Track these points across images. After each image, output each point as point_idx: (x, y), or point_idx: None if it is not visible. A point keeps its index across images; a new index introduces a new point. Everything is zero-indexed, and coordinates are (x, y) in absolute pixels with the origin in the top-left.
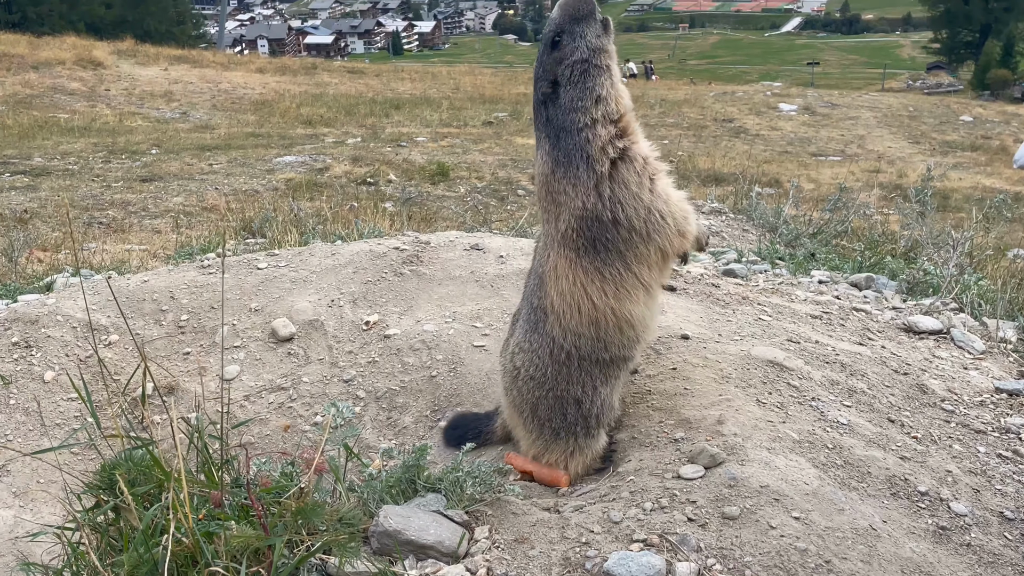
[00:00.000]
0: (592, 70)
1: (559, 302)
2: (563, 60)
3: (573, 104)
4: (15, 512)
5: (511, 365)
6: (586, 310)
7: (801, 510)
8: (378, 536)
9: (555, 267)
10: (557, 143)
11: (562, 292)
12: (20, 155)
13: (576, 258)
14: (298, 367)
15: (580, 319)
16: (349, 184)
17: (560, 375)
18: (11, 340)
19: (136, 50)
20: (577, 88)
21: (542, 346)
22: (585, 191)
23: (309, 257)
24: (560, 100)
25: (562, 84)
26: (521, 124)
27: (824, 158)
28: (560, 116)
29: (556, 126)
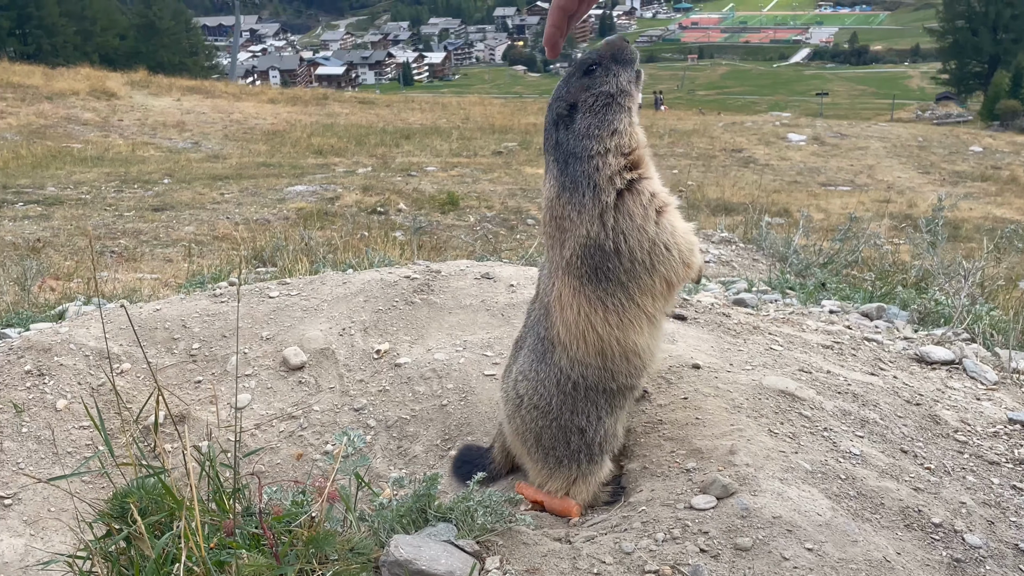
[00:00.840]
0: (615, 106)
1: (565, 333)
2: (590, 88)
3: (588, 131)
4: (26, 540)
5: (514, 393)
6: (592, 340)
7: (814, 541)
8: (389, 566)
9: (560, 296)
10: (565, 168)
11: (567, 322)
12: (33, 184)
13: (580, 287)
14: (309, 395)
15: (587, 349)
16: (359, 213)
17: (565, 405)
18: (24, 368)
19: (149, 81)
20: (596, 117)
21: (548, 376)
22: (590, 219)
23: (320, 286)
24: (575, 125)
25: (581, 110)
26: (530, 154)
27: (833, 188)
28: (571, 141)
29: (566, 151)
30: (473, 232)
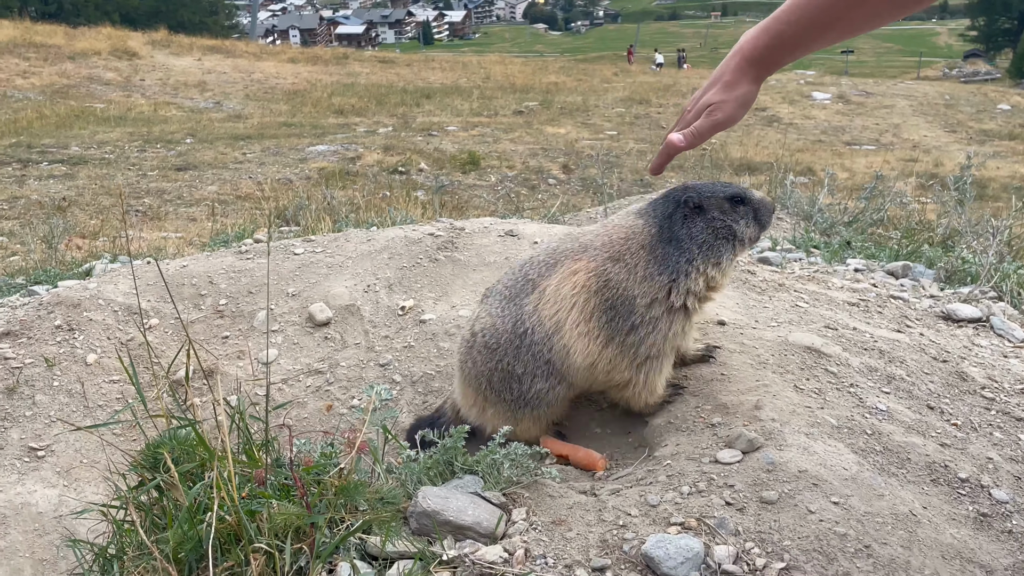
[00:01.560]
0: (730, 244)
1: (552, 301)
2: (725, 214)
3: (699, 242)
4: (59, 491)
5: (468, 333)
6: (566, 324)
7: (840, 495)
8: (416, 516)
9: (573, 273)
10: (664, 241)
11: (561, 297)
12: (57, 144)
13: (594, 292)
14: (335, 351)
15: (560, 326)
16: (381, 173)
17: (511, 346)
18: (54, 323)
19: (170, 40)
20: (712, 238)
21: (509, 315)
22: (648, 288)
23: (345, 243)
24: (691, 225)
25: (704, 221)
26: (552, 113)
27: (858, 147)
28: (682, 233)
29: (673, 232)
30: (495, 192)
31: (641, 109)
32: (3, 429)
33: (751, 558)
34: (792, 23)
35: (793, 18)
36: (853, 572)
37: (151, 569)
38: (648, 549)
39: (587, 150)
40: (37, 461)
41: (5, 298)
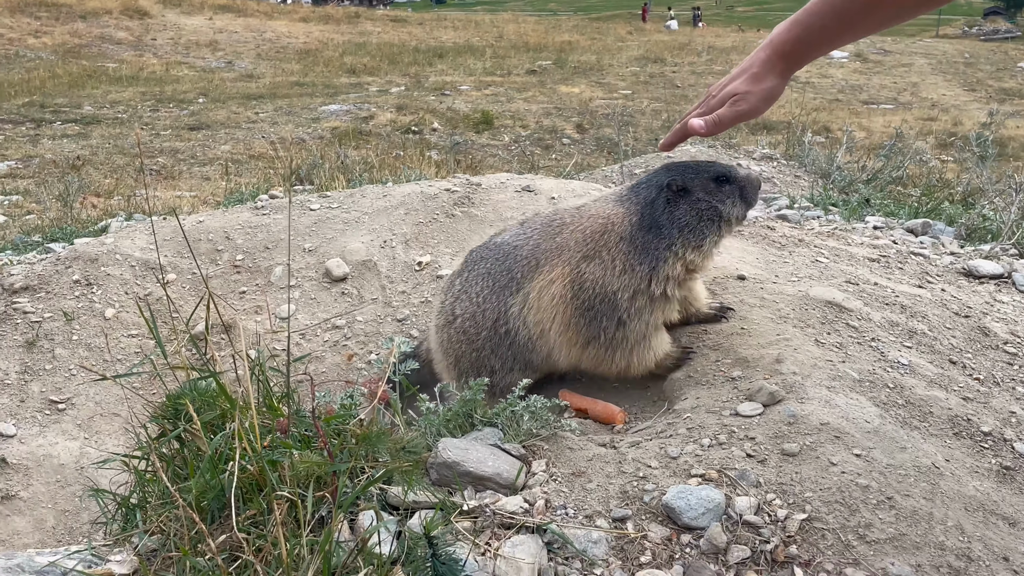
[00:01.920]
0: (715, 225)
1: (535, 308)
2: (711, 194)
3: (680, 225)
4: (80, 443)
5: (450, 308)
6: (550, 332)
7: (862, 447)
8: (437, 467)
9: (551, 282)
10: (643, 230)
11: (543, 307)
12: (70, 104)
13: (571, 298)
14: (352, 306)
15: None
16: (394, 133)
17: (489, 343)
18: (72, 278)
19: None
20: (695, 220)
21: (491, 310)
22: (629, 280)
23: (361, 199)
24: (675, 209)
25: (688, 202)
26: (565, 73)
27: (876, 106)
28: (663, 218)
29: (653, 218)
30: (508, 151)
31: (656, 68)
32: (24, 382)
33: (772, 509)
34: (822, 15)
35: (823, 10)
36: (875, 523)
37: (174, 518)
38: (669, 500)
39: (601, 109)
40: (58, 414)
41: (22, 255)
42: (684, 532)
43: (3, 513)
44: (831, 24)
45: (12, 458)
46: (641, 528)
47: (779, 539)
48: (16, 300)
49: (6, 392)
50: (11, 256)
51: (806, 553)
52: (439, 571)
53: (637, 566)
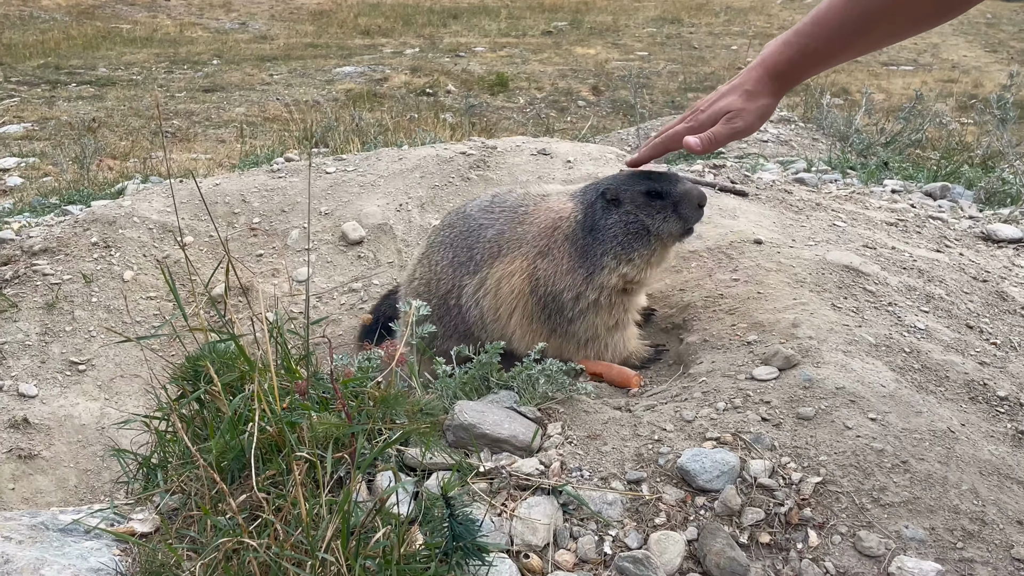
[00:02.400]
0: (645, 240)
1: (494, 295)
2: (641, 209)
3: (610, 238)
4: (100, 404)
5: (413, 267)
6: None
7: (878, 411)
8: (453, 429)
9: (511, 275)
10: (586, 231)
11: (501, 298)
12: (85, 65)
13: (530, 293)
14: (368, 269)
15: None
16: (408, 95)
17: (437, 312)
18: (91, 240)
19: None
20: (623, 235)
21: (446, 282)
22: (572, 281)
23: (376, 162)
24: (606, 218)
25: (619, 214)
26: (581, 34)
27: (895, 67)
28: (599, 225)
29: (593, 224)
30: (523, 113)
31: (673, 29)
32: (44, 344)
33: (787, 472)
34: (815, 37)
35: (816, 32)
36: (890, 487)
37: (194, 478)
38: (684, 462)
39: (617, 71)
40: (78, 375)
41: (40, 217)
42: (699, 495)
43: (26, 472)
44: (823, 46)
45: (34, 418)
46: (656, 490)
47: (793, 502)
48: (35, 262)
49: (27, 353)
50: (29, 218)
51: (820, 516)
52: (456, 531)
53: (652, 527)
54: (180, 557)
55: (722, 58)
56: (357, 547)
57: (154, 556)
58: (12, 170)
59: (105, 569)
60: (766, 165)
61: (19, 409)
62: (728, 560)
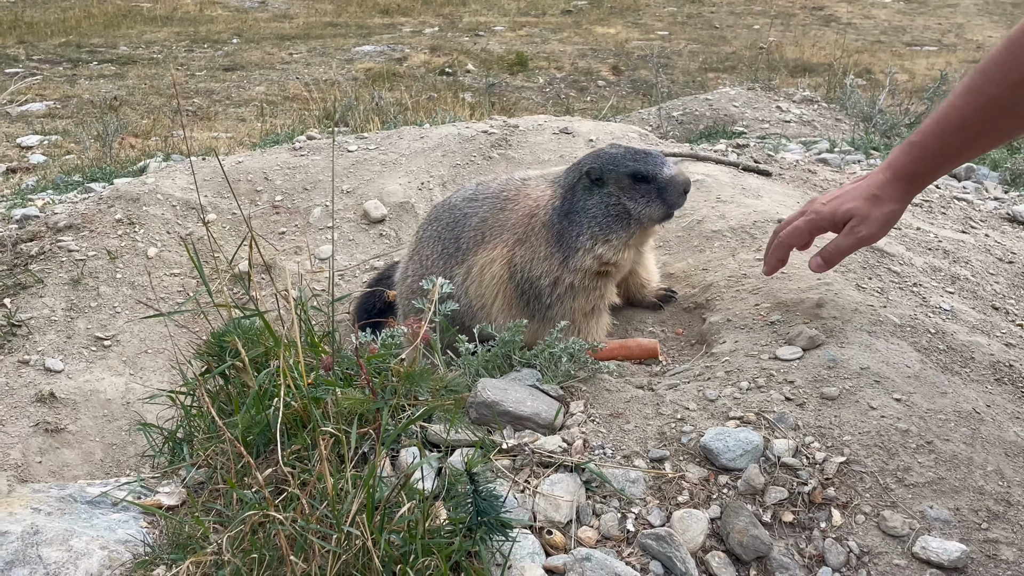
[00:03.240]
0: (624, 222)
1: (477, 283)
2: (624, 191)
3: (589, 219)
4: (126, 379)
5: (406, 263)
6: (492, 308)
7: (902, 392)
8: (476, 407)
9: (492, 261)
10: (564, 213)
11: (484, 284)
12: (106, 44)
13: (509, 279)
14: (390, 248)
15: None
16: (428, 74)
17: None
18: (115, 217)
19: None
20: (604, 215)
21: (435, 271)
22: (548, 267)
23: (398, 140)
24: (588, 198)
25: (600, 194)
26: (601, 13)
27: (919, 48)
28: (578, 206)
29: (572, 206)
30: (543, 93)
31: (693, 8)
32: (70, 319)
33: (811, 452)
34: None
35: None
36: (914, 467)
37: (220, 452)
38: (707, 441)
39: (637, 51)
40: (104, 350)
41: (63, 194)
42: (721, 473)
43: (53, 446)
44: (951, 141)
45: (60, 392)
46: (679, 468)
47: (817, 481)
48: (61, 238)
49: (53, 328)
50: (52, 195)
51: (844, 495)
52: (481, 507)
53: (674, 505)
54: (207, 529)
55: (743, 38)
56: (382, 521)
57: (181, 528)
58: (35, 148)
59: (133, 540)
60: (788, 145)
61: (46, 384)
62: (751, 538)
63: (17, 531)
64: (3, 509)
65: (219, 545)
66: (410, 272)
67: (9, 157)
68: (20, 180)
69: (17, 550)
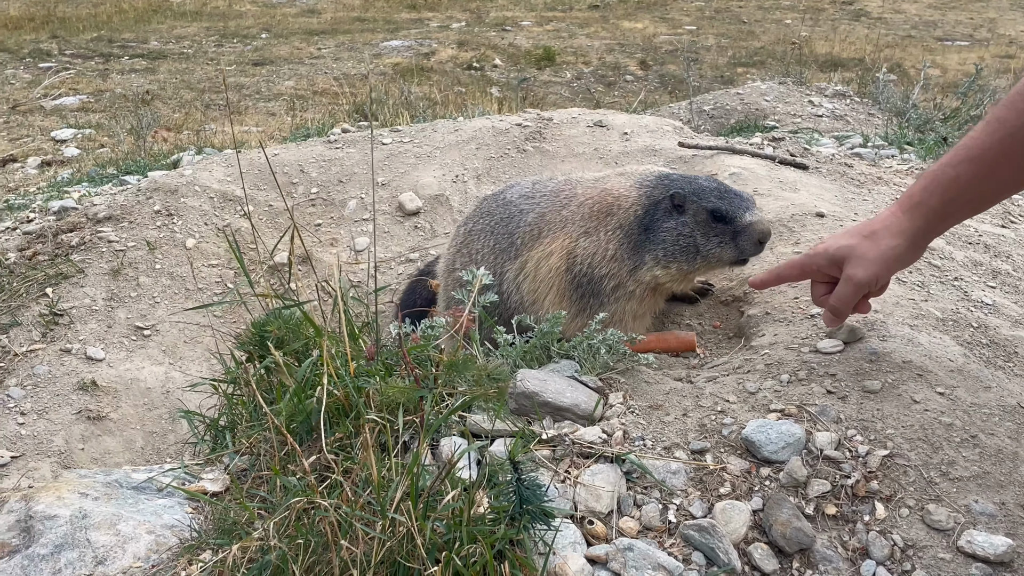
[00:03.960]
0: (688, 258)
1: (532, 278)
2: (700, 228)
3: (662, 244)
4: (165, 368)
5: (452, 256)
6: (544, 302)
7: (946, 386)
8: (516, 397)
9: (549, 255)
10: (645, 229)
11: (539, 278)
12: (137, 39)
13: (565, 271)
14: (425, 240)
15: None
16: (455, 69)
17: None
18: (154, 208)
19: None
20: (674, 245)
21: (487, 269)
22: (614, 268)
23: (432, 133)
24: (666, 221)
25: (675, 220)
26: (629, 7)
27: (951, 43)
28: (656, 225)
29: (651, 224)
30: (571, 88)
31: (722, 3)
32: (111, 308)
33: (853, 445)
34: (954, 164)
35: (955, 159)
36: (959, 461)
37: (263, 439)
38: (748, 433)
39: (665, 45)
40: (143, 340)
41: (98, 187)
42: (763, 465)
43: (95, 433)
44: (966, 172)
45: (102, 381)
46: (720, 460)
47: (860, 474)
48: (101, 229)
49: (94, 318)
50: (88, 188)
51: (888, 488)
52: (524, 495)
53: (716, 497)
54: (253, 515)
55: (772, 32)
56: (425, 508)
57: (226, 514)
58: (69, 141)
59: (179, 525)
60: (821, 140)
61: (87, 372)
62: (794, 530)
63: (66, 515)
64: (51, 494)
65: (265, 531)
66: (457, 265)
67: (44, 150)
68: (55, 173)
69: (66, 533)
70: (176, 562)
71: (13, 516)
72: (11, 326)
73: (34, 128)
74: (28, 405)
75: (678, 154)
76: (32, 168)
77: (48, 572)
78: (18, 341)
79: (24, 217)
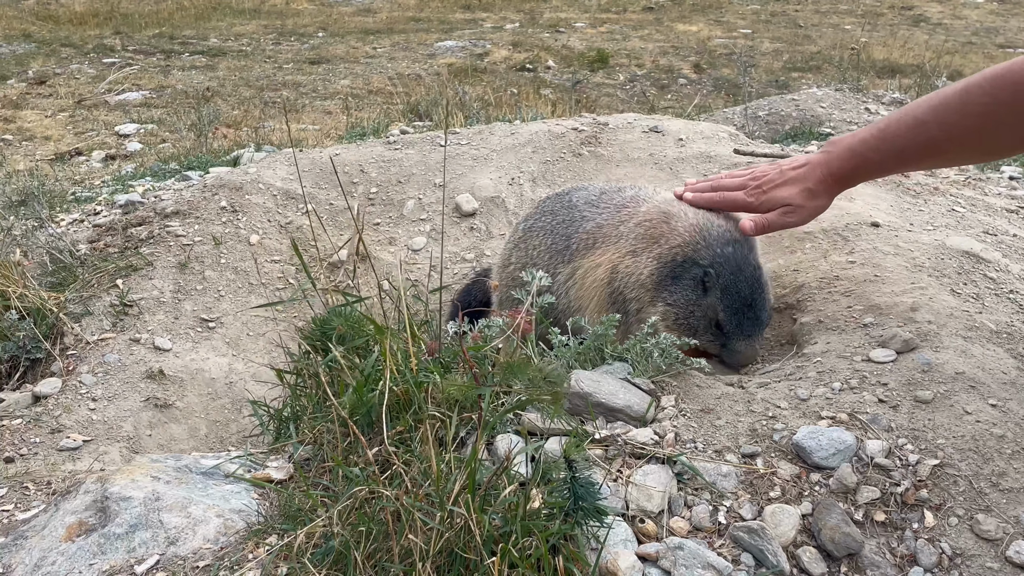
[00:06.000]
0: (688, 336)
1: (580, 285)
2: (700, 323)
3: (671, 303)
4: (229, 360)
5: (508, 251)
6: (586, 310)
7: (998, 398)
8: (569, 397)
9: (596, 266)
10: (672, 279)
11: (586, 286)
12: (197, 36)
13: (607, 284)
14: (480, 241)
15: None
16: (509, 71)
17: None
18: (219, 204)
19: None
20: (676, 310)
21: (540, 267)
22: (640, 294)
23: (489, 136)
24: (685, 289)
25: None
26: (683, 10)
27: (1013, 50)
28: (673, 287)
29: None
30: (624, 91)
31: (778, 6)
32: (177, 301)
33: (904, 454)
34: (878, 151)
35: (880, 147)
36: (1009, 472)
37: (326, 430)
38: (799, 439)
39: (720, 49)
40: (208, 332)
41: (161, 182)
42: (813, 471)
43: (162, 420)
44: (885, 161)
45: (169, 370)
46: (770, 465)
47: (910, 483)
48: (168, 224)
49: (161, 309)
50: (151, 182)
51: (937, 497)
52: (578, 492)
53: (766, 500)
54: (317, 502)
55: (828, 37)
56: (482, 502)
57: (291, 501)
58: (132, 136)
59: (246, 510)
60: None
61: (155, 361)
62: (843, 536)
63: (140, 497)
64: (125, 476)
65: (328, 518)
66: (513, 260)
67: (108, 144)
68: (119, 167)
69: (140, 514)
70: (244, 545)
71: (90, 496)
72: (83, 315)
73: (98, 122)
74: (99, 392)
75: (733, 160)
76: (96, 162)
77: (123, 550)
78: (90, 330)
79: (91, 210)
